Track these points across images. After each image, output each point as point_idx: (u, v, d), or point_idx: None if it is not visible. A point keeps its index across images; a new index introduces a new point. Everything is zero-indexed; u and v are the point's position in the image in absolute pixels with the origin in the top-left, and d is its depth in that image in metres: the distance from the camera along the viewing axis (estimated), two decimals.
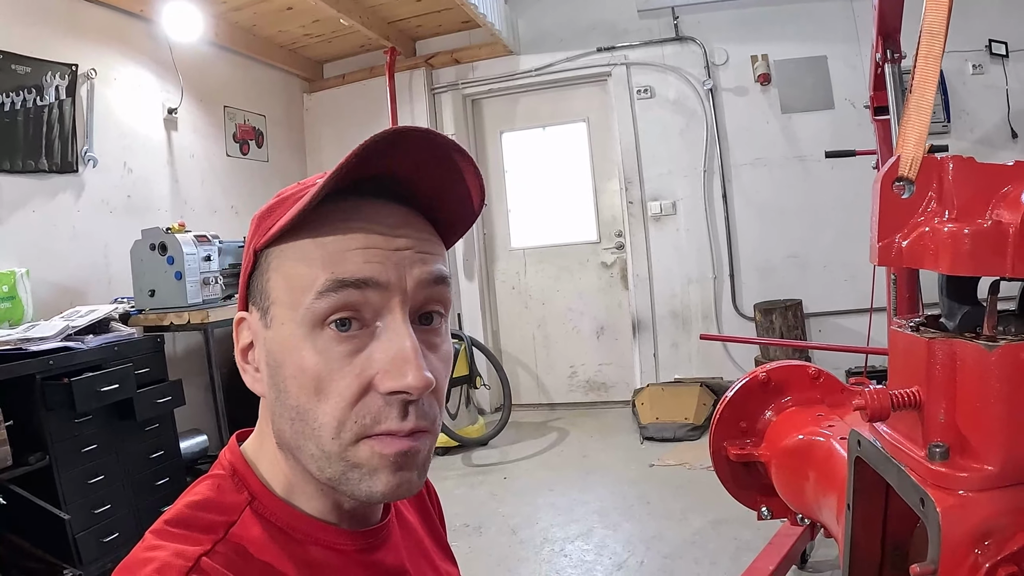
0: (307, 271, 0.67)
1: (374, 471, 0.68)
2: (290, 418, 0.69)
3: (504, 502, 4.12)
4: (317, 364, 0.67)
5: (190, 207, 4.96)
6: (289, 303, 0.68)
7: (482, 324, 6.13)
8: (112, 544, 3.25)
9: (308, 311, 0.67)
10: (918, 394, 0.95)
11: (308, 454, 0.69)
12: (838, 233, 5.28)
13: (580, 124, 6.08)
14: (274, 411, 0.72)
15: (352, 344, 0.67)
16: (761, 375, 2.17)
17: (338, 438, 0.67)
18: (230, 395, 4.06)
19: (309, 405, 0.68)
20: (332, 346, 0.67)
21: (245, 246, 0.76)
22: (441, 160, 0.70)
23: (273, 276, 0.71)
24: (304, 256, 0.68)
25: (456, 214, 0.77)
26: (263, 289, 0.72)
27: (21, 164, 3.77)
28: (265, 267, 0.72)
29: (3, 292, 3.48)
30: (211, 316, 3.84)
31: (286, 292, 0.69)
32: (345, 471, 0.68)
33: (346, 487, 0.69)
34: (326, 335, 0.67)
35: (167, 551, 0.64)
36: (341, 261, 0.67)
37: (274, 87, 6.04)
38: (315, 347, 0.67)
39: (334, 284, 0.66)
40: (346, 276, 0.66)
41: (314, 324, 0.67)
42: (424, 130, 0.67)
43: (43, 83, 3.88)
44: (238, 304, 0.78)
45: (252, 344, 0.75)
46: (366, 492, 0.69)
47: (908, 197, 0.93)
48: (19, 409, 2.91)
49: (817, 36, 5.27)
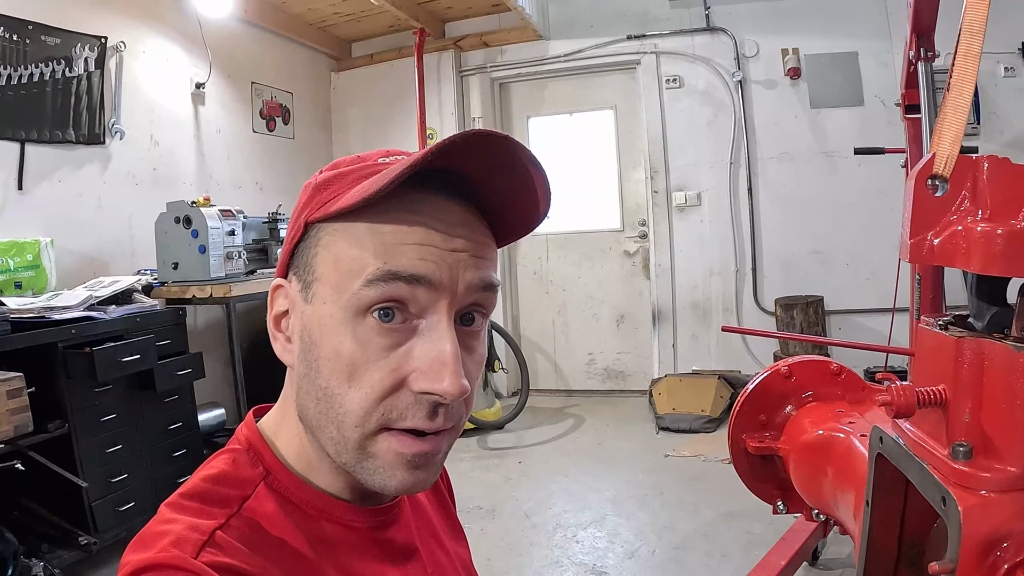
0: (359, 256, 0.67)
1: (390, 466, 0.68)
2: (316, 397, 0.69)
3: (518, 486, 4.14)
4: (354, 352, 0.67)
5: (215, 181, 4.99)
6: (334, 284, 0.68)
7: (502, 308, 6.14)
8: (127, 513, 3.30)
9: (354, 297, 0.66)
10: (944, 392, 0.95)
11: (328, 435, 0.70)
12: (862, 231, 5.24)
13: (607, 112, 6.05)
14: (300, 385, 0.72)
15: (392, 338, 0.67)
16: (783, 369, 2.16)
17: (361, 427, 0.67)
18: (249, 369, 4.08)
19: (339, 390, 0.67)
20: (372, 336, 0.66)
21: (295, 212, 0.74)
22: (515, 168, 0.69)
23: (321, 252, 0.70)
24: (358, 240, 0.67)
25: (518, 220, 0.76)
26: (308, 263, 0.71)
27: (48, 134, 3.80)
28: (314, 241, 0.71)
29: (27, 261, 3.52)
30: (233, 290, 3.86)
31: (333, 272, 0.68)
32: (361, 460, 0.69)
33: (360, 475, 0.70)
34: (368, 324, 0.66)
35: (182, 524, 0.65)
36: (396, 254, 0.66)
37: (302, 65, 6.04)
38: (355, 334, 0.67)
39: (385, 275, 0.65)
40: (399, 269, 0.66)
41: (358, 311, 0.66)
42: (504, 136, 0.66)
43: (72, 55, 3.91)
44: (277, 269, 0.77)
45: (287, 312, 0.75)
46: (380, 484, 0.69)
47: (942, 195, 0.93)
48: (40, 377, 2.93)
49: (849, 31, 5.22)
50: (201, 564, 0.61)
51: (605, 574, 3.10)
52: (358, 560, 0.76)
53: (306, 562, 0.70)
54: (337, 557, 0.74)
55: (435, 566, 0.87)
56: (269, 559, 0.67)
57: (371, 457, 0.68)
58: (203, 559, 0.61)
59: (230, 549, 0.64)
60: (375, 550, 0.78)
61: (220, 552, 0.63)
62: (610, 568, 3.14)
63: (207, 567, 0.61)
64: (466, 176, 0.70)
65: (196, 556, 0.61)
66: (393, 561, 0.80)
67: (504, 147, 0.66)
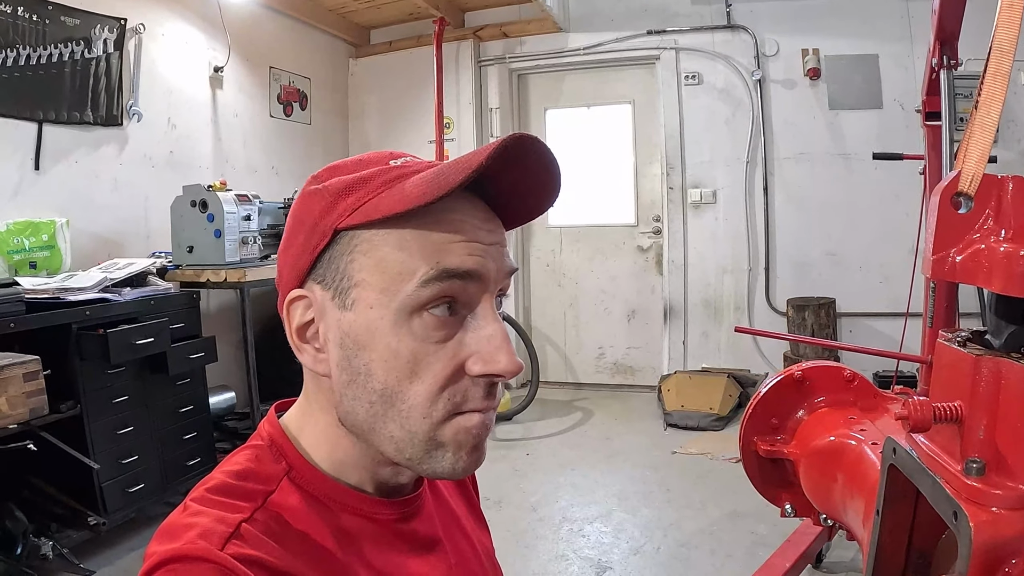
0: (407, 259, 0.68)
1: (458, 450, 0.71)
2: (369, 401, 0.70)
3: (526, 478, 4.15)
4: (414, 348, 0.68)
5: (231, 165, 5.01)
6: (382, 287, 0.69)
7: (514, 299, 6.15)
8: (137, 495, 3.32)
9: (409, 298, 0.67)
10: (960, 409, 0.95)
11: (387, 435, 0.71)
12: (876, 235, 5.23)
13: (625, 106, 6.04)
14: (343, 393, 0.72)
15: (447, 330, 0.69)
16: (796, 373, 2.17)
17: (429, 417, 0.69)
18: (261, 354, 4.10)
19: (400, 387, 0.69)
20: (429, 331, 0.68)
21: (316, 219, 0.73)
22: (535, 167, 0.72)
23: (360, 259, 0.70)
24: (403, 244, 0.68)
25: (524, 210, 0.79)
26: (343, 270, 0.71)
27: (66, 115, 3.82)
28: (348, 248, 0.71)
29: (43, 241, 3.54)
30: (248, 275, 3.87)
31: (378, 276, 0.69)
32: (429, 450, 0.71)
33: (426, 464, 0.72)
34: (423, 320, 0.68)
35: (209, 517, 0.66)
36: (447, 252, 0.68)
37: (320, 51, 6.05)
38: (411, 332, 0.68)
39: (440, 274, 0.68)
40: (453, 267, 0.68)
41: (413, 311, 0.68)
42: (542, 145, 0.69)
43: (92, 36, 3.92)
44: (288, 279, 0.76)
45: (311, 322, 0.74)
46: (448, 470, 0.72)
47: (966, 213, 0.93)
48: (53, 357, 2.94)
49: (870, 34, 5.18)
50: (227, 556, 0.62)
51: (610, 569, 3.11)
52: (382, 552, 0.77)
53: (330, 555, 0.71)
54: (361, 549, 0.75)
55: (458, 557, 0.88)
56: (294, 552, 0.68)
57: (440, 446, 0.71)
58: (229, 551, 0.62)
59: (255, 541, 0.65)
60: (399, 542, 0.79)
61: (246, 544, 0.64)
62: (615, 563, 3.15)
63: (233, 559, 0.61)
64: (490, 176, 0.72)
65: (222, 548, 0.62)
66: (417, 552, 0.81)
67: (540, 156, 0.70)
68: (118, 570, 3.12)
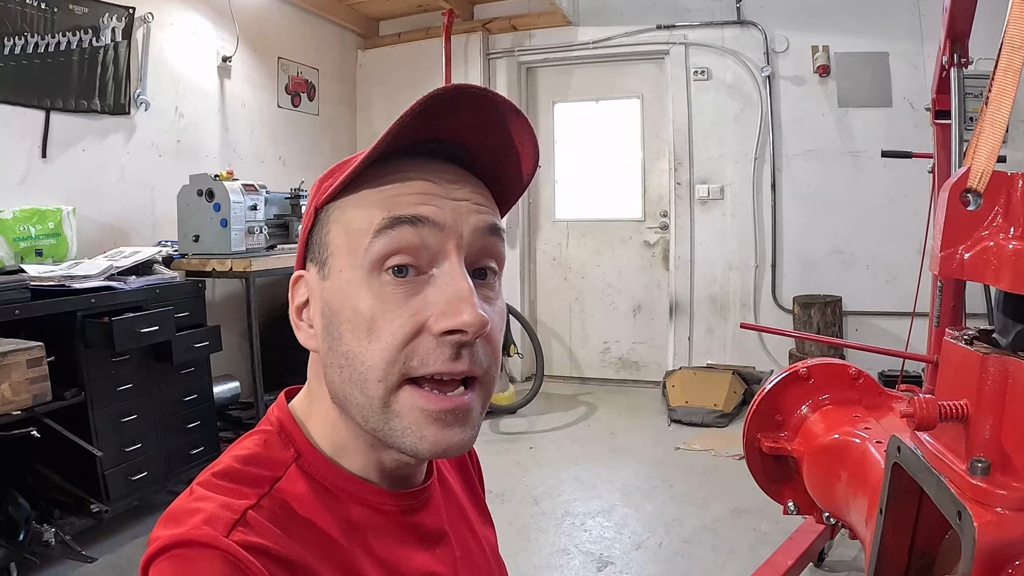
0: (364, 214, 0.70)
1: (417, 425, 0.69)
2: (339, 365, 0.70)
3: (528, 472, 4.15)
4: (372, 306, 0.68)
5: (238, 155, 5.00)
6: (347, 248, 0.70)
7: (520, 292, 6.14)
8: (140, 483, 3.33)
9: (367, 253, 0.68)
10: (966, 407, 0.95)
11: (354, 403, 0.70)
12: (884, 233, 5.20)
13: (634, 100, 6.01)
14: (326, 363, 0.73)
15: (408, 287, 0.69)
16: (801, 370, 2.16)
17: (384, 381, 0.68)
18: (266, 344, 4.10)
19: (359, 348, 0.68)
20: (388, 289, 0.68)
21: (306, 208, 0.77)
22: (497, 122, 0.72)
23: (333, 228, 0.72)
24: (362, 201, 0.71)
25: (510, 180, 0.79)
26: (322, 242, 0.73)
27: (74, 103, 3.82)
28: (325, 221, 0.74)
29: (49, 229, 3.54)
30: (253, 265, 3.86)
31: (344, 238, 0.71)
32: (387, 420, 0.69)
33: (390, 438, 0.70)
34: (384, 279, 0.68)
35: (214, 503, 0.66)
36: (398, 203, 0.69)
37: (329, 41, 6.04)
38: (371, 290, 0.68)
39: (390, 221, 0.68)
40: (403, 213, 0.68)
41: (372, 267, 0.68)
42: (482, 89, 0.68)
43: (100, 24, 3.91)
44: (296, 263, 0.79)
45: (307, 302, 0.76)
46: (411, 446, 0.70)
47: (974, 210, 0.92)
48: (58, 345, 2.95)
49: (880, 31, 5.15)
50: (232, 543, 0.62)
51: (611, 564, 3.10)
52: (387, 543, 0.77)
53: (335, 544, 0.71)
54: (366, 540, 0.75)
55: (464, 550, 0.88)
56: (299, 540, 0.68)
57: (397, 416, 0.69)
58: (234, 538, 0.62)
59: (261, 529, 0.65)
60: (404, 534, 0.79)
61: (251, 532, 0.64)
62: (616, 558, 3.15)
63: (238, 546, 0.62)
64: (456, 143, 0.73)
65: (227, 535, 0.62)
66: (422, 545, 0.81)
67: (484, 101, 0.69)
68: (120, 557, 3.13)
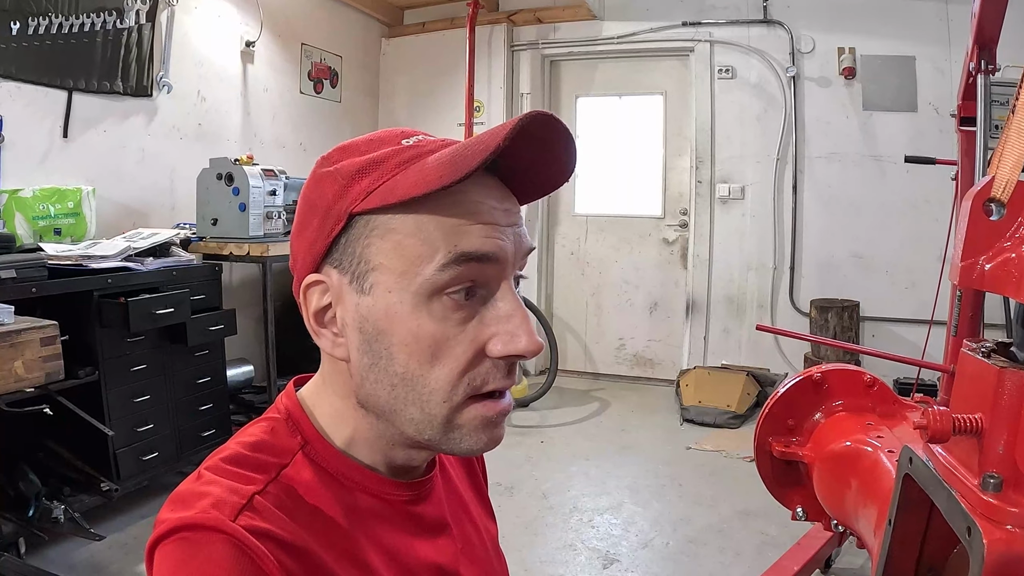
0: (425, 243, 0.68)
1: (476, 431, 0.72)
2: (391, 384, 0.70)
3: (538, 466, 4.15)
4: (435, 331, 0.68)
5: (259, 140, 5.01)
6: (400, 272, 0.68)
7: (537, 286, 6.13)
8: (150, 463, 3.35)
9: (427, 282, 0.67)
10: (981, 421, 0.93)
11: (407, 417, 0.71)
12: (905, 239, 5.16)
13: (657, 97, 5.98)
14: (364, 376, 0.72)
15: (467, 311, 0.69)
16: (816, 375, 2.14)
17: (449, 401, 0.70)
18: (281, 328, 4.11)
19: (421, 371, 0.69)
20: (448, 314, 0.68)
21: (329, 204, 0.72)
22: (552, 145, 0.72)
23: (377, 243, 0.69)
24: (420, 227, 0.68)
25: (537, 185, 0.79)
26: (359, 254, 0.70)
27: (96, 85, 3.83)
28: (364, 232, 0.70)
29: (68, 208, 3.56)
30: (271, 250, 3.87)
31: (397, 261, 0.68)
32: (447, 432, 0.72)
33: (445, 445, 0.73)
34: (442, 303, 0.68)
35: (221, 487, 0.66)
36: (464, 236, 0.68)
37: (353, 29, 6.03)
38: (431, 315, 0.68)
39: (459, 258, 0.67)
40: (471, 251, 0.68)
41: (431, 294, 0.68)
42: (558, 121, 0.69)
43: (124, 6, 3.92)
44: (303, 264, 0.75)
45: (328, 307, 0.74)
46: (466, 449, 0.73)
47: (997, 220, 0.90)
48: (74, 323, 2.97)
49: (907, 35, 5.09)
50: (239, 527, 0.62)
51: (617, 561, 3.10)
52: (391, 532, 0.78)
53: (340, 531, 0.72)
54: (370, 528, 0.76)
55: (465, 542, 0.89)
56: (304, 526, 0.69)
57: (458, 428, 0.72)
58: (241, 522, 0.63)
59: (267, 514, 0.66)
60: (408, 523, 0.80)
61: (257, 517, 0.65)
62: (623, 556, 3.14)
63: (244, 531, 0.62)
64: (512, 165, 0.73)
65: (234, 519, 0.63)
66: (425, 535, 0.82)
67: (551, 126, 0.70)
68: (128, 536, 3.15)
